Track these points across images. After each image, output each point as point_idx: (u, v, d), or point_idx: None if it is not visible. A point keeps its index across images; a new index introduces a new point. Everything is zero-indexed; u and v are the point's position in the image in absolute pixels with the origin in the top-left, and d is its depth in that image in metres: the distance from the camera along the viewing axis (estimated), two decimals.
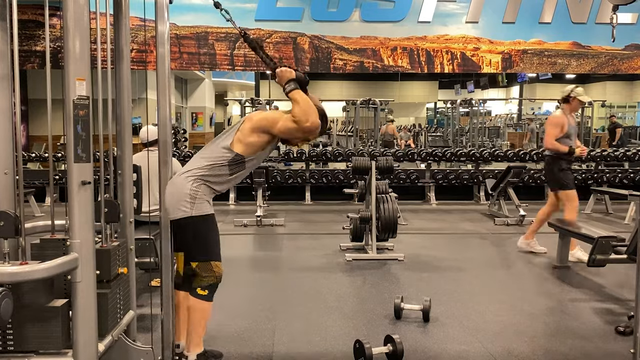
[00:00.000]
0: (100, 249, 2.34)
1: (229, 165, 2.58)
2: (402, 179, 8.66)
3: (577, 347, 3.11)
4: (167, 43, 2.53)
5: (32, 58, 9.03)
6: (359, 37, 9.50)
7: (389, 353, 2.88)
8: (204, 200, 2.54)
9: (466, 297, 4.01)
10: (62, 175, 7.97)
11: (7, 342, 2.17)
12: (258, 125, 2.60)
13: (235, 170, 2.61)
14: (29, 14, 8.49)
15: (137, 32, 7.82)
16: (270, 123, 2.60)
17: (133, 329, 2.72)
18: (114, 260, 2.41)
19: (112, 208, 2.44)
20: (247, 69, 10.71)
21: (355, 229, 5.35)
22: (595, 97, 19.15)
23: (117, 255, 2.46)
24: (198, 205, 2.52)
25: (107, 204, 2.42)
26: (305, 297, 3.98)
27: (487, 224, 7.03)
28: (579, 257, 4.85)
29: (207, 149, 2.69)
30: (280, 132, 2.60)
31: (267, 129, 2.60)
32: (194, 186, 2.53)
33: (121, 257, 2.50)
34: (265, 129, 2.60)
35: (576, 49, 9.65)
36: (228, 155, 2.57)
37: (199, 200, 2.52)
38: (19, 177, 2.30)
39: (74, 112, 2.06)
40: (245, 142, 2.59)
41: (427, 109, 26.72)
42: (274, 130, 2.59)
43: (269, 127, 2.59)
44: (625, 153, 9.16)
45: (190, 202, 2.51)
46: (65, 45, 2.05)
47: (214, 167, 2.57)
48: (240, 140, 2.59)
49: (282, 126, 2.58)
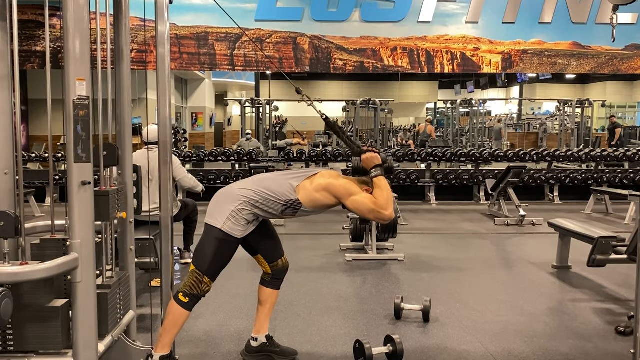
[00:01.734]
0: (99, 191, 2.31)
1: (284, 206, 2.58)
2: (402, 179, 8.66)
3: (577, 347, 3.11)
4: (167, 43, 2.53)
5: (32, 58, 9.03)
6: (359, 37, 9.50)
7: (389, 353, 2.88)
8: (239, 224, 2.55)
9: (466, 297, 4.01)
10: (62, 176, 7.97)
11: (7, 342, 2.17)
12: (331, 188, 2.58)
13: (285, 211, 2.60)
14: (29, 14, 8.50)
15: (137, 33, 7.83)
16: (345, 193, 2.58)
17: (133, 329, 2.72)
18: (113, 204, 2.39)
19: (111, 150, 2.42)
20: (247, 69, 10.71)
21: (355, 229, 5.35)
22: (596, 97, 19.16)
23: (116, 199, 2.43)
24: (231, 225, 2.53)
25: (105, 147, 2.40)
26: (305, 297, 3.98)
27: (487, 224, 7.03)
28: None
29: (274, 180, 2.65)
30: (352, 206, 2.59)
31: (340, 196, 2.59)
32: (238, 207, 2.54)
33: (120, 202, 2.48)
34: (338, 195, 2.59)
35: (576, 49, 9.66)
36: (290, 196, 2.57)
37: (235, 221, 2.54)
38: (19, 177, 2.30)
39: (74, 112, 2.06)
40: (309, 194, 2.58)
41: (427, 109, 26.73)
42: (345, 200, 2.58)
43: (342, 196, 2.58)
44: (625, 153, 9.16)
45: (227, 219, 2.53)
46: (65, 45, 2.05)
47: (270, 200, 2.56)
48: (306, 189, 2.59)
49: (357, 201, 2.56)
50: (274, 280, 2.86)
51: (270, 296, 2.86)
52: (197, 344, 3.13)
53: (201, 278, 2.54)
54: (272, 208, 2.58)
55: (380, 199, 2.55)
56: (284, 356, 2.88)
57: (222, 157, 8.96)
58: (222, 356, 2.97)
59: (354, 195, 2.58)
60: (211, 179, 8.63)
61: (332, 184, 2.59)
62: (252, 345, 2.87)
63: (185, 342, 3.11)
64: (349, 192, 2.58)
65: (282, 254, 2.87)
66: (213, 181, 8.63)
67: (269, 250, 2.82)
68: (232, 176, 8.67)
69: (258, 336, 2.86)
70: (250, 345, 2.88)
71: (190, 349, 3.05)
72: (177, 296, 2.56)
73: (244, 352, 2.91)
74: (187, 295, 2.54)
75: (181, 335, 3.17)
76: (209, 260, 2.55)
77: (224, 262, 2.61)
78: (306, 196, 2.58)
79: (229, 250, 2.59)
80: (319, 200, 2.60)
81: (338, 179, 2.63)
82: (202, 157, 8.98)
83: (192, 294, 2.55)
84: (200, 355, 2.98)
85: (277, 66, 9.31)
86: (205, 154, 9.04)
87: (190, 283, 2.55)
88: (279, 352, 2.88)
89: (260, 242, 2.77)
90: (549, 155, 9.10)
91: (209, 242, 2.56)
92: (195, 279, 2.55)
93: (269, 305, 2.86)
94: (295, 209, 2.59)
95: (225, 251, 2.58)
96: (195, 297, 2.56)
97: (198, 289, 2.55)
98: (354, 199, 2.57)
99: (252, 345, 2.87)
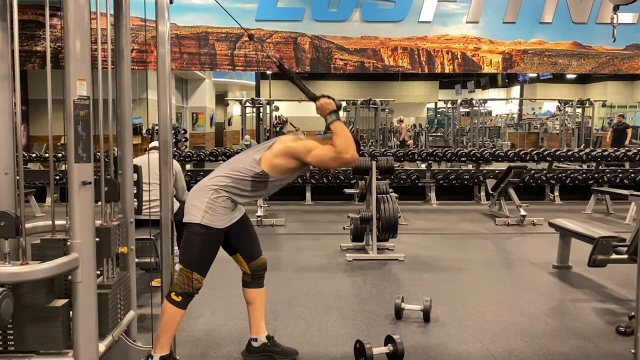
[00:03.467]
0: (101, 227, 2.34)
1: (252, 181, 2.59)
2: (402, 179, 8.66)
3: (577, 347, 3.11)
4: (167, 43, 2.53)
5: (33, 58, 9.03)
6: (360, 37, 9.50)
7: (389, 353, 2.88)
8: (218, 213, 2.56)
9: (467, 297, 4.01)
10: (62, 176, 7.97)
11: (8, 342, 2.17)
12: (289, 151, 2.59)
13: (256, 187, 2.61)
14: (29, 14, 8.49)
15: (138, 32, 7.83)
16: (304, 151, 2.58)
17: (133, 329, 2.72)
18: (114, 239, 2.41)
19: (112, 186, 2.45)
20: (248, 69, 10.71)
21: (356, 229, 5.35)
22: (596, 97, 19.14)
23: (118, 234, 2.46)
24: (209, 216, 2.54)
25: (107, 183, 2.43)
26: (306, 297, 3.98)
27: (487, 224, 7.03)
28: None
29: (239, 159, 2.67)
30: (314, 161, 2.59)
31: (299, 156, 2.58)
32: (212, 197, 2.55)
33: (121, 236, 2.50)
34: (297, 155, 2.59)
35: (577, 49, 9.65)
36: (254, 169, 2.57)
37: (212, 212, 2.54)
38: (20, 177, 2.30)
39: (74, 112, 2.06)
40: (271, 162, 2.58)
41: (428, 109, 26.72)
42: (306, 158, 2.58)
43: (302, 154, 2.58)
44: (626, 153, 9.15)
45: (204, 211, 2.54)
46: (65, 45, 2.05)
47: (239, 179, 2.58)
48: (267, 159, 2.59)
49: (317, 154, 2.56)
50: (254, 279, 2.84)
51: (257, 295, 2.85)
52: (198, 344, 3.13)
53: (191, 275, 2.55)
54: (243, 188, 2.59)
55: (338, 143, 2.53)
56: (285, 356, 2.88)
57: (222, 157, 8.96)
58: (223, 356, 2.97)
59: (313, 150, 2.57)
60: None
61: (290, 146, 2.60)
62: (253, 345, 2.87)
63: (185, 342, 3.11)
64: (307, 149, 2.58)
65: (260, 252, 2.86)
66: None
67: (248, 249, 2.81)
68: None
69: (258, 336, 2.86)
70: (251, 345, 2.88)
71: (191, 349, 3.05)
72: (170, 296, 2.57)
73: (245, 353, 2.91)
74: (180, 294, 2.56)
75: (181, 335, 3.17)
76: (195, 257, 2.56)
77: (211, 255, 2.61)
78: (269, 165, 2.58)
79: (213, 243, 2.60)
80: (281, 166, 2.59)
81: (296, 141, 2.64)
82: (202, 157, 8.99)
83: (184, 292, 2.56)
84: (201, 355, 2.98)
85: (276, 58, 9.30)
86: (206, 154, 9.05)
87: (180, 281, 2.56)
88: (280, 352, 2.88)
89: (239, 241, 2.77)
90: (550, 155, 9.10)
91: (192, 239, 2.56)
92: (185, 277, 2.56)
93: (257, 305, 2.85)
94: (264, 181, 2.60)
95: (210, 244, 2.59)
96: (188, 295, 2.57)
97: (189, 287, 2.56)
98: (314, 153, 2.57)
99: (253, 345, 2.87)
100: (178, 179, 4.51)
